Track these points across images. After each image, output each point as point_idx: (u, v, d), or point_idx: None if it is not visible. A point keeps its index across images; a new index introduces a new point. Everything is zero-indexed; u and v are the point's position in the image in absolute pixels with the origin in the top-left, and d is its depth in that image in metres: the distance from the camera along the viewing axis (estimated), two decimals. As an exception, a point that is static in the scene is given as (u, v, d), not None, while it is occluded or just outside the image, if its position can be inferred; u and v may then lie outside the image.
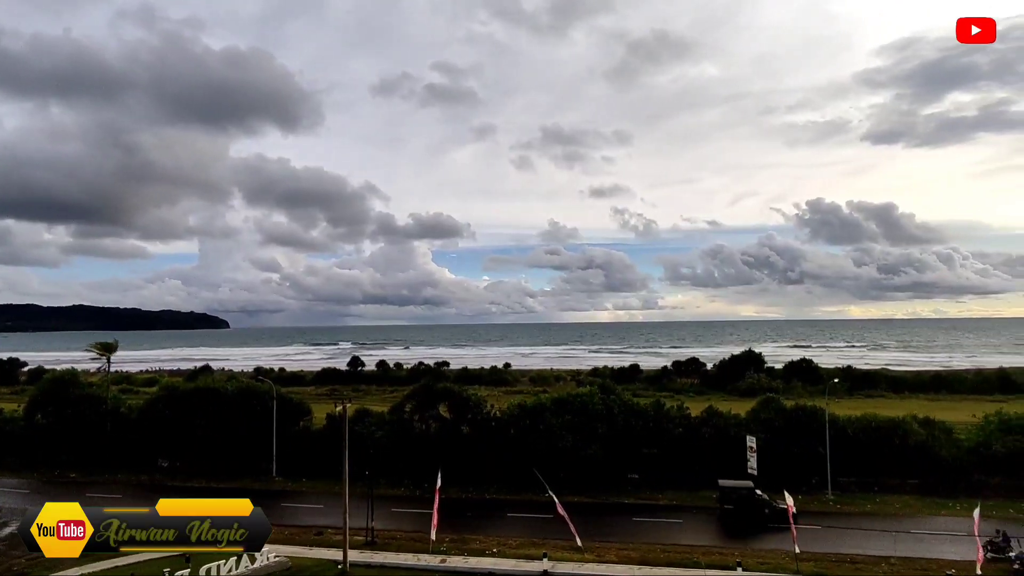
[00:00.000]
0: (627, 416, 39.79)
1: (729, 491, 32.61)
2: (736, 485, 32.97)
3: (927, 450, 36.78)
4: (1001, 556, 25.80)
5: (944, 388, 76.24)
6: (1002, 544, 26.19)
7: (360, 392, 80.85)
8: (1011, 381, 75.79)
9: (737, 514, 31.84)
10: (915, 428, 37.92)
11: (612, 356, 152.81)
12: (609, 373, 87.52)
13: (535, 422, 39.50)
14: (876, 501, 35.02)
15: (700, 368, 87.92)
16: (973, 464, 36.30)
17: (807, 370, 77.75)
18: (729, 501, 32.33)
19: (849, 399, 64.14)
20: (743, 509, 31.91)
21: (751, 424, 38.94)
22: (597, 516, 32.82)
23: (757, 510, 31.68)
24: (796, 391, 64.52)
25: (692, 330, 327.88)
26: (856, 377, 78.51)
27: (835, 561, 26.09)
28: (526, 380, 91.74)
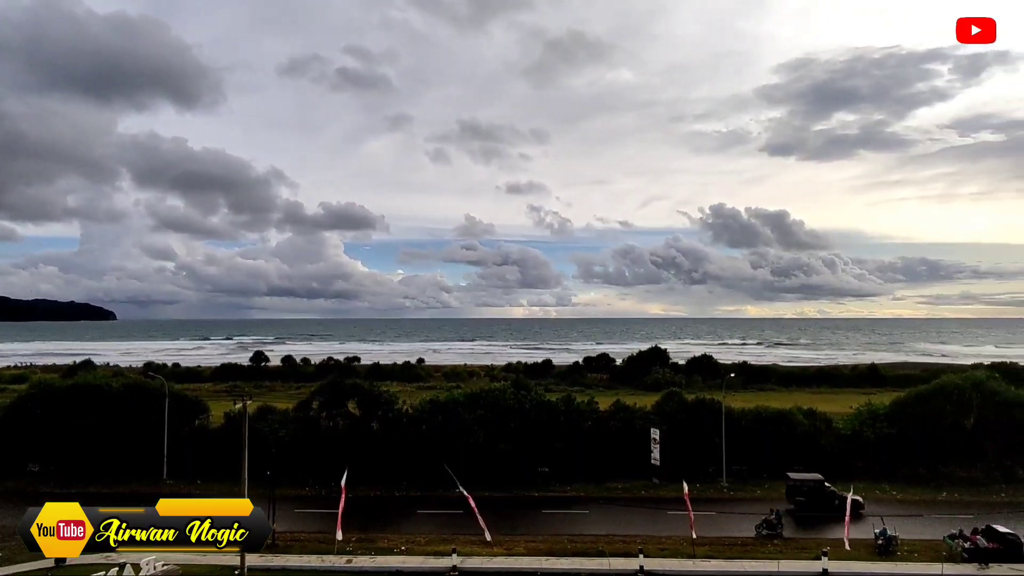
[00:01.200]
0: (539, 411, 40.37)
1: (799, 483, 33.92)
2: (806, 478, 34.26)
3: (810, 439, 39.91)
4: (774, 533, 28.38)
5: (826, 382, 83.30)
6: (775, 522, 28.76)
7: (263, 389, 77.04)
8: (880, 375, 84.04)
9: (809, 505, 32.97)
10: (800, 419, 41.02)
11: (526, 352, 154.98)
12: (523, 369, 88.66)
13: (448, 418, 39.24)
14: (765, 487, 37.56)
15: (610, 364, 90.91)
16: (848, 450, 39.75)
17: (707, 365, 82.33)
18: (800, 493, 33.52)
19: (744, 392, 68.45)
20: (814, 500, 33.15)
21: (655, 417, 40.64)
22: (508, 510, 33.08)
23: (827, 501, 32.92)
24: (697, 385, 68.20)
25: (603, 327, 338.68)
26: (750, 372, 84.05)
27: (727, 544, 27.76)
28: (439, 376, 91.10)
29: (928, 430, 38.45)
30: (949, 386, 40.29)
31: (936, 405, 39.32)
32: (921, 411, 39.54)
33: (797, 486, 33.93)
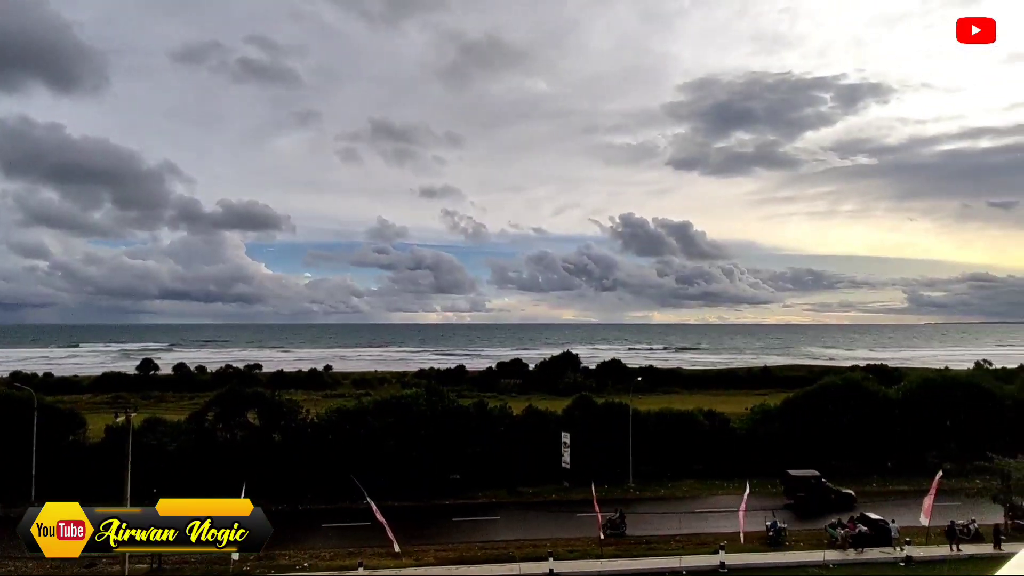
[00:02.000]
0: (451, 417, 39.88)
1: (798, 480, 35.21)
2: (804, 475, 35.55)
3: (710, 438, 42.06)
4: (617, 532, 29.64)
5: (725, 384, 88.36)
6: (619, 522, 30.09)
7: (152, 400, 71.27)
8: (773, 376, 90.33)
9: (807, 500, 34.41)
10: (701, 420, 43.12)
11: (440, 358, 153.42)
12: (435, 374, 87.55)
13: (356, 427, 37.92)
14: (668, 486, 39.11)
15: (523, 369, 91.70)
16: (743, 449, 42.18)
17: (616, 370, 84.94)
18: (800, 489, 35.03)
19: (651, 396, 71.09)
20: (812, 496, 34.43)
21: (567, 421, 41.30)
22: (418, 519, 32.36)
23: (824, 496, 34.13)
24: (607, 389, 70.12)
25: (517, 332, 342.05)
26: (657, 375, 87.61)
27: (633, 543, 28.58)
28: (348, 383, 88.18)
29: (813, 427, 41.54)
30: (830, 387, 43.83)
31: (820, 404, 42.59)
32: (807, 410, 42.68)
33: (796, 483, 35.80)
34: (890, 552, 27.56)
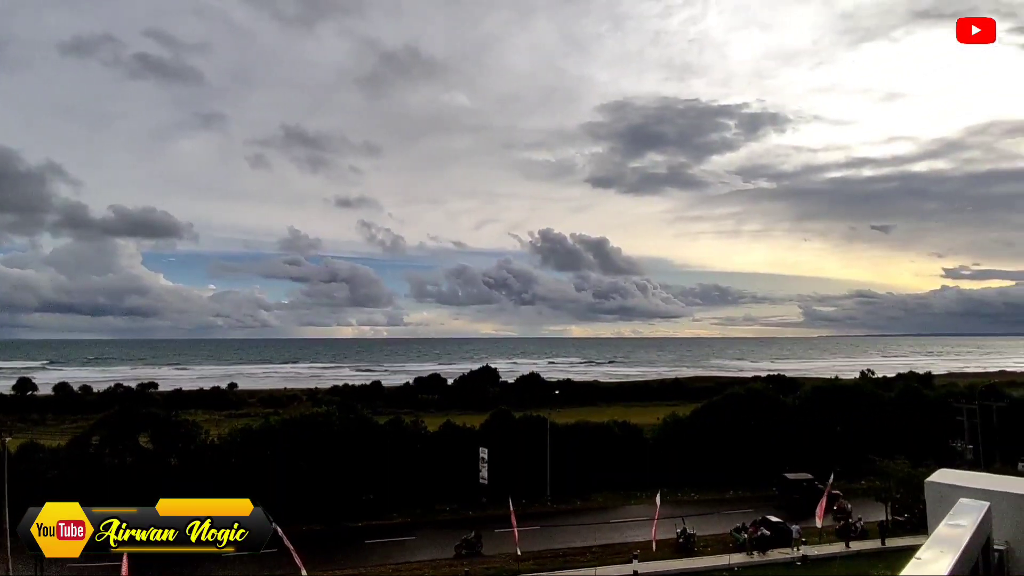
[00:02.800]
0: (366, 435, 38.56)
1: (793, 483, 38.67)
2: (798, 477, 38.30)
3: (624, 449, 43.02)
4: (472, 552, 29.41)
5: (639, 396, 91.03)
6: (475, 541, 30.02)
7: (29, 423, 64.29)
8: (683, 388, 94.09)
9: (802, 502, 36.27)
10: (616, 431, 44.07)
11: (355, 373, 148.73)
12: (350, 391, 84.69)
13: (263, 448, 35.80)
14: (585, 498, 39.59)
15: (442, 384, 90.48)
16: (656, 458, 43.44)
17: (535, 384, 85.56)
18: (795, 491, 37.97)
19: (568, 409, 72.01)
20: (805, 497, 36.35)
21: (485, 436, 40.94)
22: (330, 543, 30.85)
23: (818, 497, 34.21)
24: (525, 403, 70.35)
25: (436, 347, 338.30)
26: (574, 389, 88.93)
27: (550, 557, 28.57)
28: (255, 402, 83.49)
29: (720, 435, 43.46)
30: (735, 396, 46.13)
31: (726, 413, 44.67)
32: (714, 419, 44.63)
33: (791, 485, 38.57)
34: (789, 552, 29.15)
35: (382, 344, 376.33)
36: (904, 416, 45.71)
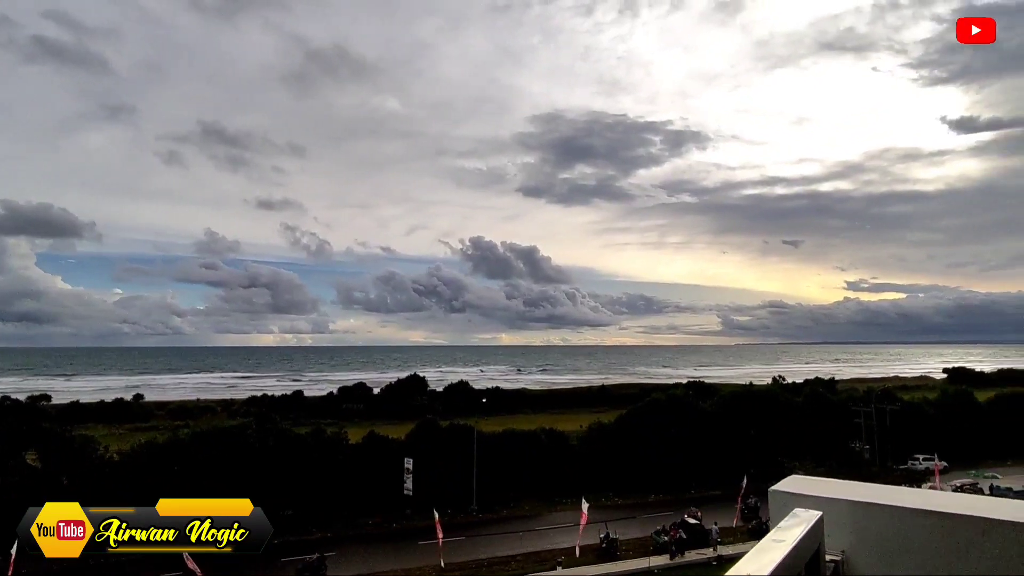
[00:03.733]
0: (284, 448, 36.88)
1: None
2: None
3: (550, 456, 43.30)
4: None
5: (566, 403, 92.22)
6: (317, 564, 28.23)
7: None
8: (609, 394, 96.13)
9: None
10: (543, 439, 44.31)
11: (274, 383, 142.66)
12: (269, 402, 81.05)
13: (169, 463, 33.48)
14: (511, 506, 39.49)
15: (367, 393, 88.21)
16: (581, 465, 43.99)
17: (463, 392, 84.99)
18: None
19: (497, 417, 71.98)
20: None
21: (410, 446, 40.12)
22: (241, 563, 29.09)
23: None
24: (453, 412, 69.67)
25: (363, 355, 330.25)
26: (503, 397, 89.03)
27: (474, 567, 28.21)
28: (163, 414, 78.36)
29: (643, 440, 44.55)
30: (657, 403, 47.48)
31: (648, 419, 45.88)
32: (637, 424, 45.72)
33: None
34: (706, 553, 30.15)
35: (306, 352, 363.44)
36: (811, 419, 48.55)
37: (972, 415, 55.78)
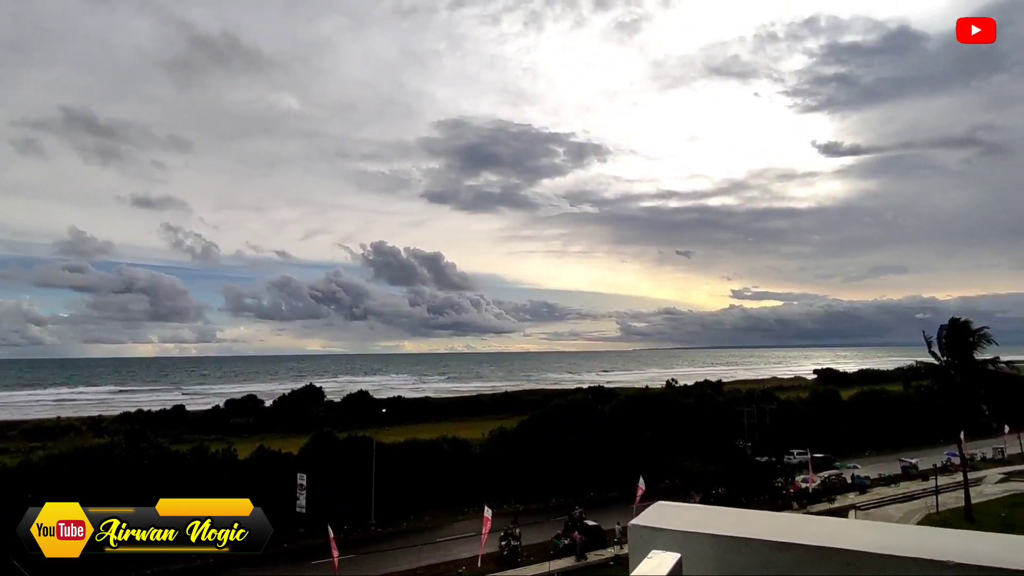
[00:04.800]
0: (162, 467, 33.75)
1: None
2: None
3: (453, 465, 42.70)
4: None
5: (470, 411, 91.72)
6: None
7: None
8: (513, 401, 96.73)
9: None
10: (445, 448, 43.64)
11: (153, 397, 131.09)
12: (145, 418, 74.30)
13: (22, 491, 29.49)
14: (412, 519, 38.47)
15: (258, 406, 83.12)
16: (484, 472, 43.73)
17: (363, 402, 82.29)
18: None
19: (398, 427, 70.25)
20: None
21: (304, 460, 38.09)
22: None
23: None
24: (352, 423, 67.23)
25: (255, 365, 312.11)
26: (405, 406, 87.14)
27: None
28: (16, 434, 69.55)
29: (545, 445, 45.06)
30: (558, 408, 48.28)
31: (550, 424, 46.51)
32: (539, 430, 46.21)
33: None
34: (604, 554, 30.84)
35: (189, 363, 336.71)
36: (700, 420, 51.37)
37: (837, 412, 61.57)
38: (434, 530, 36.39)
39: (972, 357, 38.41)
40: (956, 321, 39.63)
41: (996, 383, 40.23)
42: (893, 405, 63.43)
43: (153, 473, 33.00)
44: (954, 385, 39.16)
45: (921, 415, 60.05)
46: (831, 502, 40.78)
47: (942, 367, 39.55)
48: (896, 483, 45.92)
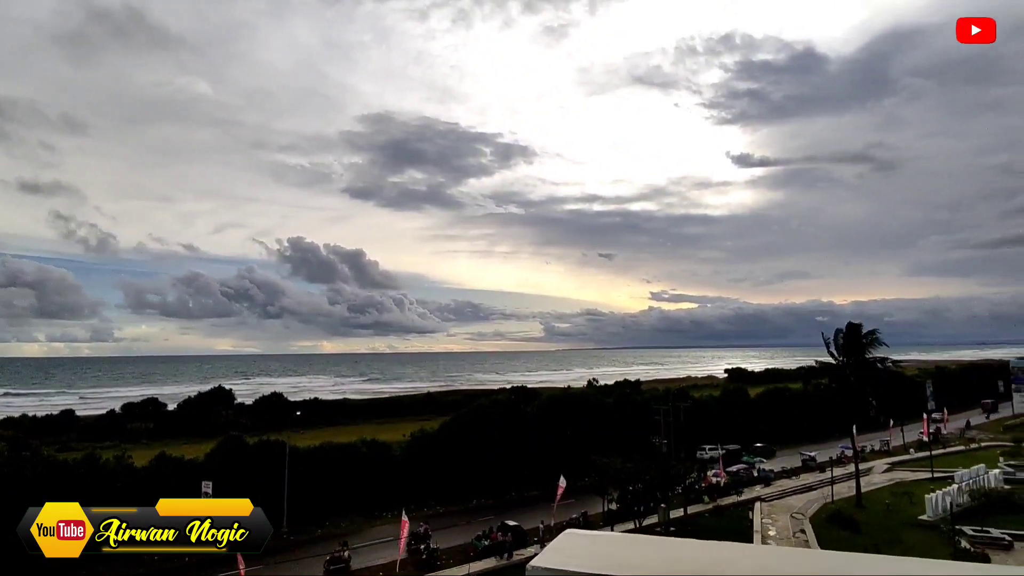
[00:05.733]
0: (47, 478, 30.65)
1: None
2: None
3: (371, 469, 41.44)
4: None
5: (391, 412, 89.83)
6: None
7: None
8: (435, 402, 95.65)
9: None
10: (363, 451, 42.29)
11: (39, 401, 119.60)
12: (29, 423, 67.60)
13: None
14: (327, 525, 36.98)
15: (160, 409, 77.64)
16: (404, 475, 42.75)
17: (278, 404, 78.75)
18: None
19: (314, 430, 67.67)
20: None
21: (211, 467, 35.78)
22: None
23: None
24: (265, 426, 64.11)
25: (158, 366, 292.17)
26: (322, 408, 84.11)
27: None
28: None
29: (467, 446, 44.61)
30: (481, 408, 47.95)
31: (473, 425, 46.11)
32: (461, 431, 45.71)
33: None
34: (525, 553, 30.81)
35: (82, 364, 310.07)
36: (620, 418, 52.64)
37: (746, 409, 65.00)
38: (351, 536, 35.11)
39: (864, 357, 41.45)
40: (851, 324, 42.66)
41: (884, 381, 43.60)
42: (795, 402, 67.79)
43: (36, 484, 29.86)
44: (849, 383, 42.12)
45: (820, 411, 64.50)
46: (739, 495, 42.78)
47: (838, 366, 42.46)
48: (797, 475, 48.87)
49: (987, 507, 36.10)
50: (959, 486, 37.89)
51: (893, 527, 33.85)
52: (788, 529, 34.57)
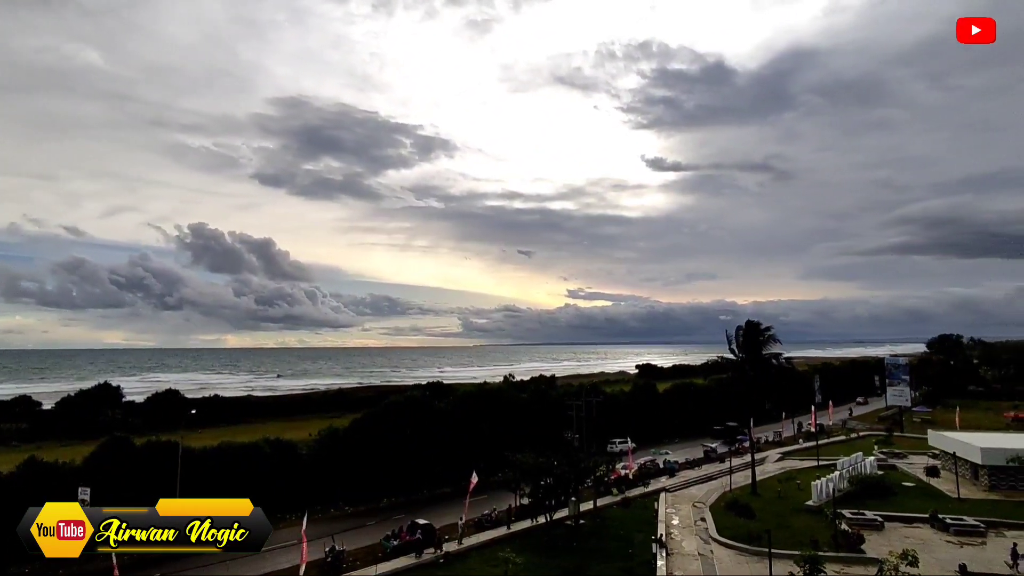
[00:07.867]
0: None
1: None
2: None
3: (276, 469, 39.33)
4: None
5: (299, 410, 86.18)
6: None
7: None
8: (347, 399, 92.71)
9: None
10: (266, 451, 40.08)
11: None
12: None
13: None
14: (224, 530, 34.71)
15: (34, 409, 70.32)
16: (310, 475, 40.90)
17: (172, 402, 73.39)
18: None
19: (214, 429, 63.72)
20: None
21: (91, 471, 32.59)
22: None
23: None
24: (157, 426, 59.60)
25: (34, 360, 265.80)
26: (222, 406, 79.38)
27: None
28: None
29: (378, 444, 43.36)
30: (394, 405, 46.78)
31: (385, 422, 44.88)
32: (373, 428, 44.38)
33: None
34: (433, 552, 30.27)
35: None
36: (534, 413, 53.07)
37: (654, 403, 67.55)
38: (250, 541, 33.13)
39: (761, 354, 44.05)
40: (750, 322, 45.19)
41: (778, 376, 46.58)
42: (699, 396, 71.25)
43: None
44: (748, 378, 44.61)
45: (720, 404, 68.11)
46: (646, 486, 44.26)
47: (738, 362, 44.87)
48: (699, 466, 51.27)
49: (864, 491, 39.43)
50: (840, 473, 41.12)
51: (784, 512, 36.15)
52: (690, 517, 36.10)
